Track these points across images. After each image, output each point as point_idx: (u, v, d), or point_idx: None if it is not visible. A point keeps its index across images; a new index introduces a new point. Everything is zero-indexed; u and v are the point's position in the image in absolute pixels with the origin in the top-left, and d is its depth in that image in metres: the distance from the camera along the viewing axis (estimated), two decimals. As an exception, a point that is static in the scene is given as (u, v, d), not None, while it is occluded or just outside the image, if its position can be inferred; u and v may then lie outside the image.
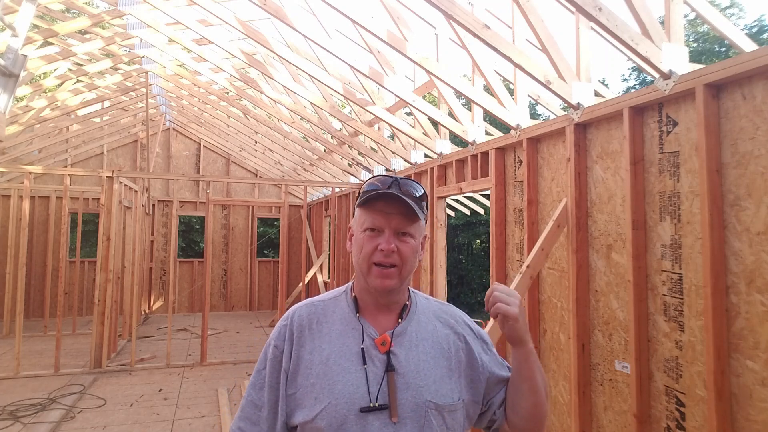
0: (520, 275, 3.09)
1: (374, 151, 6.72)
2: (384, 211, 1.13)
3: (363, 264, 1.13)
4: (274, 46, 4.56)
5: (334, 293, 1.24)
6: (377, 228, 1.13)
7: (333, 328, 1.15)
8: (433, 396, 1.09)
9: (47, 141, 8.71)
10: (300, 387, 1.09)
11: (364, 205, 1.15)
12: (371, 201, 1.14)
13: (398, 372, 1.09)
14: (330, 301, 1.21)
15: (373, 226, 1.13)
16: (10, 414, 4.72)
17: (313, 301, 1.22)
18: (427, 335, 1.18)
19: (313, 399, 1.07)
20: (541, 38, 2.92)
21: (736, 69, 2.08)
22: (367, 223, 1.14)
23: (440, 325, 1.22)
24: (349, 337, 1.13)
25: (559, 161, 3.30)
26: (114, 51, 6.43)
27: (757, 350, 2.04)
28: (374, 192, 1.13)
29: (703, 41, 17.26)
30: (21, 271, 6.09)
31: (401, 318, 1.17)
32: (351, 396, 1.06)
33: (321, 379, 1.08)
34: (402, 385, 1.08)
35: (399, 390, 1.07)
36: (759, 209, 2.05)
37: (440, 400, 1.10)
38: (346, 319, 1.16)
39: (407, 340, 1.14)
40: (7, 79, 2.77)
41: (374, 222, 1.13)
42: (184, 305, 11.00)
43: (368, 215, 1.14)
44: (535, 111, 18.29)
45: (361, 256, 1.13)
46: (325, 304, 1.20)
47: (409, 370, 1.10)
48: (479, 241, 17.80)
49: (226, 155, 11.64)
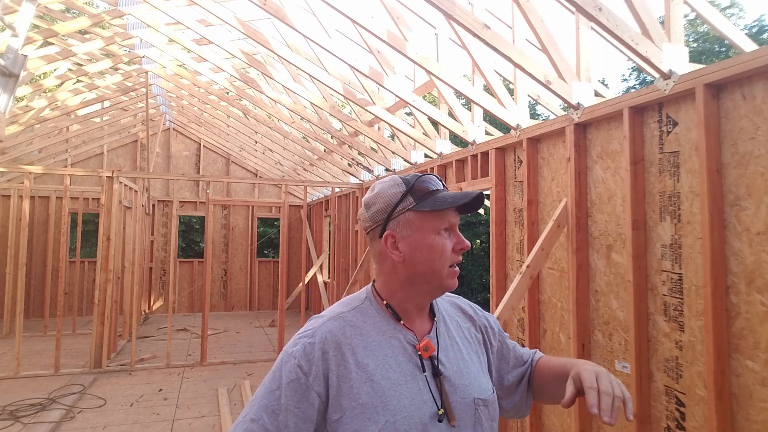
0: (520, 275, 3.09)
1: (374, 151, 6.72)
2: (452, 210, 1.09)
3: (444, 267, 1.07)
4: (274, 46, 4.56)
5: (352, 303, 1.13)
6: (450, 228, 1.09)
7: (370, 339, 1.06)
8: (478, 393, 1.09)
9: (47, 141, 8.71)
10: (347, 410, 0.98)
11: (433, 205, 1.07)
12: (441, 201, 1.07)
13: (444, 375, 1.07)
14: (355, 311, 1.11)
15: (448, 226, 1.09)
16: (10, 414, 4.72)
17: (337, 313, 1.10)
18: (456, 332, 1.17)
19: (366, 420, 0.98)
20: (541, 38, 2.92)
21: (736, 69, 2.08)
22: (445, 223, 1.08)
23: (460, 317, 1.22)
24: (389, 348, 1.06)
25: (559, 161, 3.30)
26: (114, 51, 6.43)
27: (757, 350, 2.04)
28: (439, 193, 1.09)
29: (703, 41, 17.26)
30: (21, 271, 6.09)
31: (434, 318, 1.16)
32: (407, 410, 1.00)
33: (371, 397, 0.99)
34: (450, 387, 1.06)
35: (449, 393, 1.05)
36: (759, 209, 2.05)
37: (483, 395, 1.10)
38: (380, 328, 1.08)
39: (443, 341, 1.13)
40: (7, 79, 2.77)
41: (450, 222, 1.09)
42: (184, 305, 11.00)
43: (441, 216, 1.08)
44: (535, 111, 18.28)
45: (443, 259, 1.07)
46: (353, 316, 1.10)
47: (453, 372, 1.09)
48: (479, 241, 17.81)
49: (226, 155, 11.65)
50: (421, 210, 1.07)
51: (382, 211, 1.09)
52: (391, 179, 1.13)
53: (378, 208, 1.10)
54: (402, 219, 1.08)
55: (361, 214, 1.15)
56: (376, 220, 1.10)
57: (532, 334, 3.44)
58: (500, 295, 3.81)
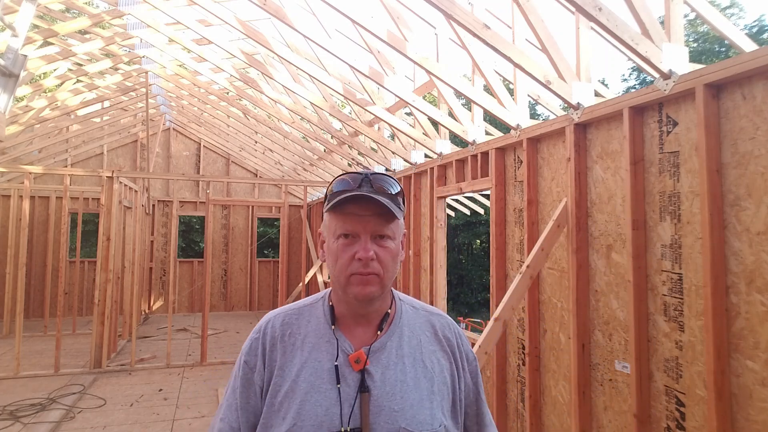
0: (520, 275, 3.09)
1: (374, 151, 6.72)
2: (357, 214, 1.00)
3: (340, 276, 1.01)
4: (274, 46, 4.56)
5: (313, 299, 1.12)
6: (352, 233, 1.00)
7: (306, 340, 1.04)
8: (408, 423, 0.98)
9: (47, 141, 8.71)
10: (268, 405, 1.00)
11: (335, 208, 1.01)
12: (342, 204, 1.00)
13: (372, 393, 0.99)
14: (306, 308, 1.10)
15: (346, 232, 1.01)
16: (10, 414, 4.72)
17: (289, 308, 1.11)
18: (410, 351, 1.06)
19: (280, 419, 0.97)
20: (541, 38, 2.92)
21: (736, 69, 2.08)
22: (340, 228, 1.01)
23: (427, 339, 1.10)
24: (321, 352, 1.02)
25: (559, 161, 3.30)
26: (114, 51, 6.43)
27: (757, 350, 2.04)
28: (344, 194, 1.00)
29: (703, 41, 17.26)
30: (21, 271, 6.09)
31: (380, 330, 1.06)
32: (318, 418, 0.96)
33: (288, 397, 0.98)
34: (375, 408, 0.98)
35: (372, 414, 0.97)
36: (759, 209, 2.05)
37: (416, 427, 0.98)
38: (320, 330, 1.05)
39: (385, 357, 1.03)
40: (7, 79, 2.77)
41: (347, 227, 1.00)
42: (184, 305, 11.00)
43: (340, 219, 1.01)
44: (535, 111, 18.28)
45: (338, 267, 1.01)
46: (300, 312, 1.09)
47: (384, 392, 1.00)
48: (479, 241, 17.78)
49: (226, 155, 11.65)
50: (328, 212, 1.04)
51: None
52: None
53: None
54: (324, 219, 1.08)
55: None
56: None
57: (532, 334, 3.44)
58: (500, 295, 3.81)
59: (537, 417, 3.40)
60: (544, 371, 3.38)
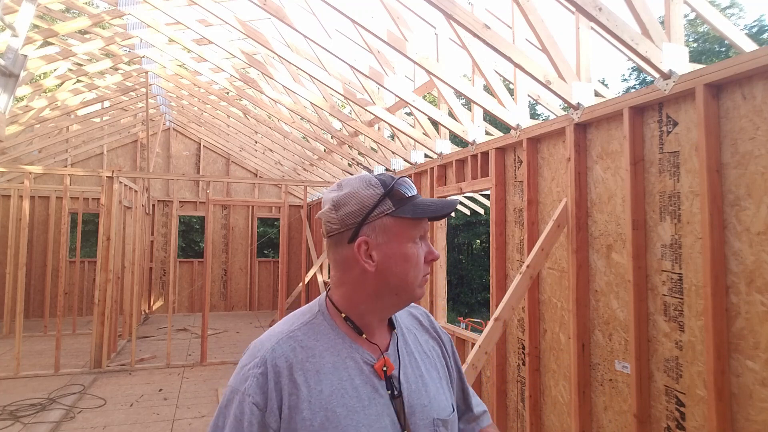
0: (520, 275, 3.09)
1: (374, 151, 6.72)
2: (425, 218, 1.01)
3: (416, 280, 1.00)
4: (274, 46, 4.56)
5: (303, 318, 1.02)
6: (423, 236, 1.02)
7: (324, 361, 0.95)
8: (437, 413, 1.02)
9: (47, 141, 8.71)
10: None
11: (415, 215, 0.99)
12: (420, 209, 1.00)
13: (403, 396, 0.99)
14: (306, 328, 1.00)
15: (422, 234, 1.02)
16: (10, 414, 4.72)
17: (287, 331, 0.99)
18: (414, 346, 1.09)
19: None
20: (541, 38, 2.92)
21: (736, 69, 2.08)
22: (420, 231, 1.01)
23: (418, 330, 1.14)
24: (344, 370, 0.96)
25: (559, 161, 3.30)
26: (114, 51, 6.43)
27: (757, 350, 2.04)
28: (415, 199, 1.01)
29: (703, 41, 17.27)
30: (21, 271, 6.09)
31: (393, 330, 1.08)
32: None
33: (326, 428, 0.91)
34: (409, 409, 0.98)
35: (408, 415, 0.98)
36: (759, 209, 2.05)
37: (443, 414, 1.03)
38: (335, 348, 0.98)
39: (402, 358, 1.04)
40: (7, 79, 2.77)
41: (421, 230, 1.01)
42: (184, 305, 11.00)
43: (415, 223, 1.00)
44: (535, 111, 18.29)
45: (417, 270, 1.00)
46: (303, 334, 0.98)
47: (411, 391, 1.01)
48: (479, 241, 17.80)
49: (226, 155, 11.65)
50: (400, 216, 0.98)
51: (356, 213, 0.98)
52: (364, 178, 1.01)
53: (350, 210, 0.98)
54: (378, 224, 0.98)
55: (324, 214, 1.01)
56: (347, 223, 0.98)
57: (532, 334, 3.44)
58: (500, 295, 3.81)
59: (537, 417, 3.40)
60: (544, 371, 3.38)
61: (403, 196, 0.99)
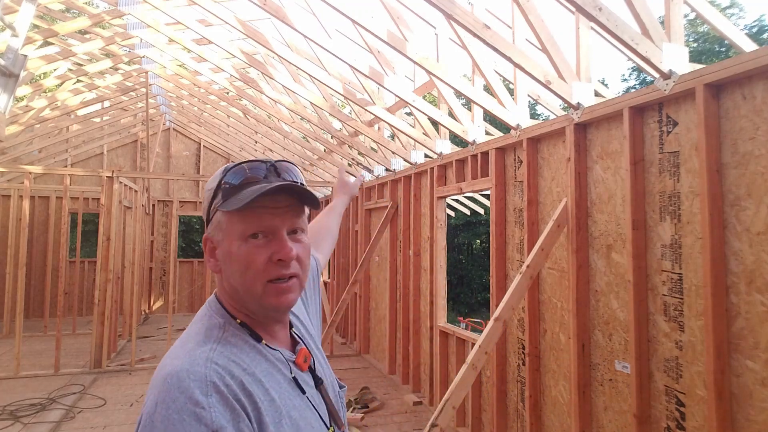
0: (520, 275, 3.09)
1: (374, 151, 6.72)
2: (270, 207, 0.85)
3: (256, 284, 0.85)
4: (274, 46, 4.56)
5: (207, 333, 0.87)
6: (265, 231, 0.85)
7: (258, 370, 0.84)
8: (334, 384, 1.03)
9: (47, 141, 8.72)
10: None
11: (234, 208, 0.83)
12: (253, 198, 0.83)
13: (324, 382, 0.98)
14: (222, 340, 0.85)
15: (260, 230, 0.85)
16: (10, 414, 4.72)
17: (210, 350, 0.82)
18: (305, 326, 1.06)
19: None
20: (541, 38, 2.92)
21: (736, 69, 2.08)
22: (251, 227, 0.84)
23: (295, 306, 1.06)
24: (277, 373, 0.88)
25: (559, 161, 3.30)
26: (114, 51, 6.43)
27: (757, 350, 2.04)
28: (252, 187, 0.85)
29: (703, 41, 17.27)
30: (21, 271, 6.09)
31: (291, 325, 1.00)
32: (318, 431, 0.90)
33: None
34: (332, 394, 0.99)
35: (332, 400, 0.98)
36: (759, 209, 2.05)
37: (337, 384, 1.04)
38: (256, 352, 0.87)
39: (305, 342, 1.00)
40: (7, 79, 2.77)
41: (261, 224, 0.85)
42: (184, 305, 10.99)
43: (248, 216, 0.84)
44: (535, 111, 18.29)
45: (251, 274, 0.84)
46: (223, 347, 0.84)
47: (322, 373, 0.99)
48: (479, 241, 17.79)
49: (226, 155, 11.64)
50: (226, 210, 0.85)
51: (204, 209, 0.91)
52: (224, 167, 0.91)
53: (204, 205, 0.92)
54: (214, 220, 0.89)
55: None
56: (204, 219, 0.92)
57: (532, 334, 3.44)
58: (500, 295, 3.81)
59: (537, 417, 3.40)
60: (544, 371, 3.38)
61: (231, 186, 0.86)
